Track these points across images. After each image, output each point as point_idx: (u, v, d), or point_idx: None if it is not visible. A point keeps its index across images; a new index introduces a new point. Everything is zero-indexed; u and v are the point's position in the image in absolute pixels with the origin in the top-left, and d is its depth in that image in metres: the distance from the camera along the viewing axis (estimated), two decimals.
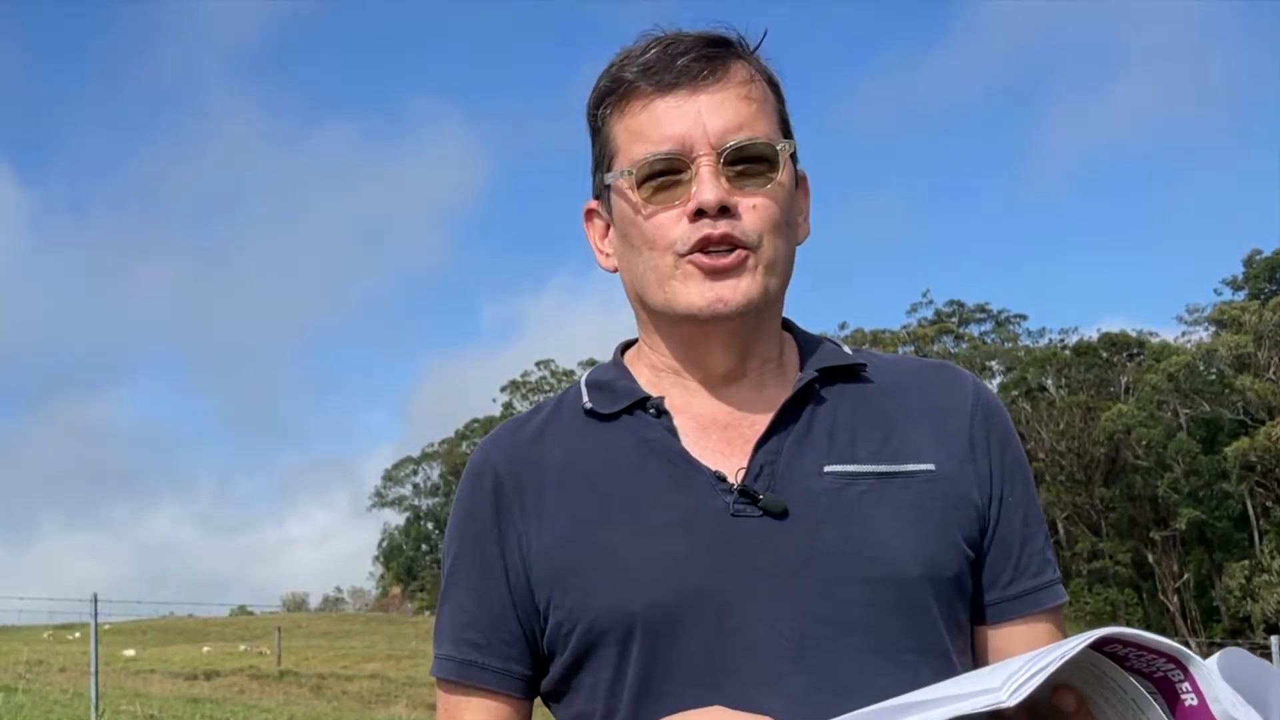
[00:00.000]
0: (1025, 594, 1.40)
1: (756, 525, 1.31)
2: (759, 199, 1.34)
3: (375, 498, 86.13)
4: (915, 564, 1.31)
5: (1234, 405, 53.55)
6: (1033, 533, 1.41)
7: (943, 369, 1.47)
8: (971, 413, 1.41)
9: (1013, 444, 1.43)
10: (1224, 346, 53.60)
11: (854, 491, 1.33)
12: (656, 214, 1.34)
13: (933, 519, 1.34)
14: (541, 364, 78.69)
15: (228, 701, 23.49)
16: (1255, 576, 52.23)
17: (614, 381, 1.44)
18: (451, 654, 1.40)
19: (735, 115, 1.33)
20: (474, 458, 1.46)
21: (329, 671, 31.73)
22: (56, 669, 26.81)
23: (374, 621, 54.57)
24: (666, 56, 1.35)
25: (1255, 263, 60.42)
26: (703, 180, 1.32)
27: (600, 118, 1.40)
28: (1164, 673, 1.05)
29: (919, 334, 68.09)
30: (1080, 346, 63.05)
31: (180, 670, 29.76)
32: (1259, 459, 50.83)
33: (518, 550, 1.37)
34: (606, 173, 1.40)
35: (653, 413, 1.39)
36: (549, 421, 1.44)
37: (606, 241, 1.45)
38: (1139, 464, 56.00)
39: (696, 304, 1.33)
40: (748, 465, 1.34)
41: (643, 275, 1.37)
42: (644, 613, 1.29)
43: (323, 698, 26.75)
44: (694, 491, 1.33)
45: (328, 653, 38.33)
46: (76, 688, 21.20)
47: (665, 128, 1.33)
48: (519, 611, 1.38)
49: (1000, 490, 1.39)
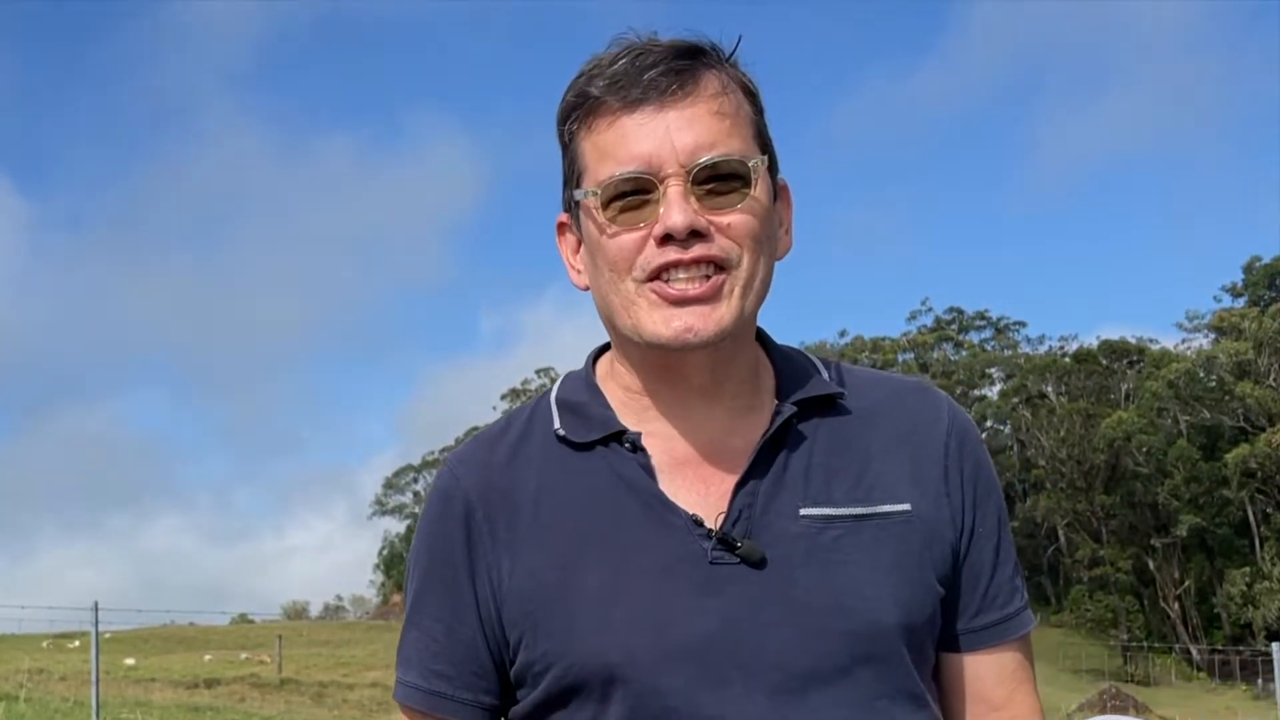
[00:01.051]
0: (992, 625, 1.40)
1: (734, 573, 1.29)
2: (733, 217, 1.28)
3: (376, 506, 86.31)
4: (891, 612, 1.30)
5: (1234, 412, 53.53)
6: (1002, 561, 1.41)
7: (918, 391, 1.45)
8: (946, 442, 1.40)
9: (985, 470, 1.42)
10: (1224, 353, 53.61)
11: (829, 536, 1.32)
12: (621, 235, 1.29)
13: (908, 562, 1.33)
14: (541, 371, 78.77)
15: (229, 710, 23.48)
16: (1256, 583, 52.19)
17: (586, 406, 1.40)
18: (419, 684, 1.39)
19: (706, 132, 1.28)
20: (443, 479, 1.42)
21: (330, 680, 31.69)
22: (57, 678, 26.78)
23: (375, 629, 54.47)
24: (634, 69, 1.29)
25: (1255, 269, 60.46)
26: (670, 203, 1.26)
27: (568, 133, 1.35)
28: None
29: (919, 341, 68.08)
30: (1080, 353, 63.04)
31: (181, 679, 29.73)
32: (1259, 465, 50.81)
33: (489, 584, 1.35)
34: (575, 189, 1.35)
35: (628, 447, 1.36)
36: (521, 443, 1.40)
37: (579, 257, 1.40)
38: (1139, 471, 55.97)
39: (663, 334, 1.29)
40: (726, 511, 1.32)
41: (609, 298, 1.33)
42: (623, 664, 1.28)
43: (324, 706, 26.73)
44: (671, 535, 1.31)
45: (329, 661, 38.29)
46: (77, 696, 21.18)
47: (632, 146, 1.28)
48: (489, 644, 1.36)
49: (973, 523, 1.39)
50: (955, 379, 66.50)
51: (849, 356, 67.90)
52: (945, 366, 66.62)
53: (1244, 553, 54.77)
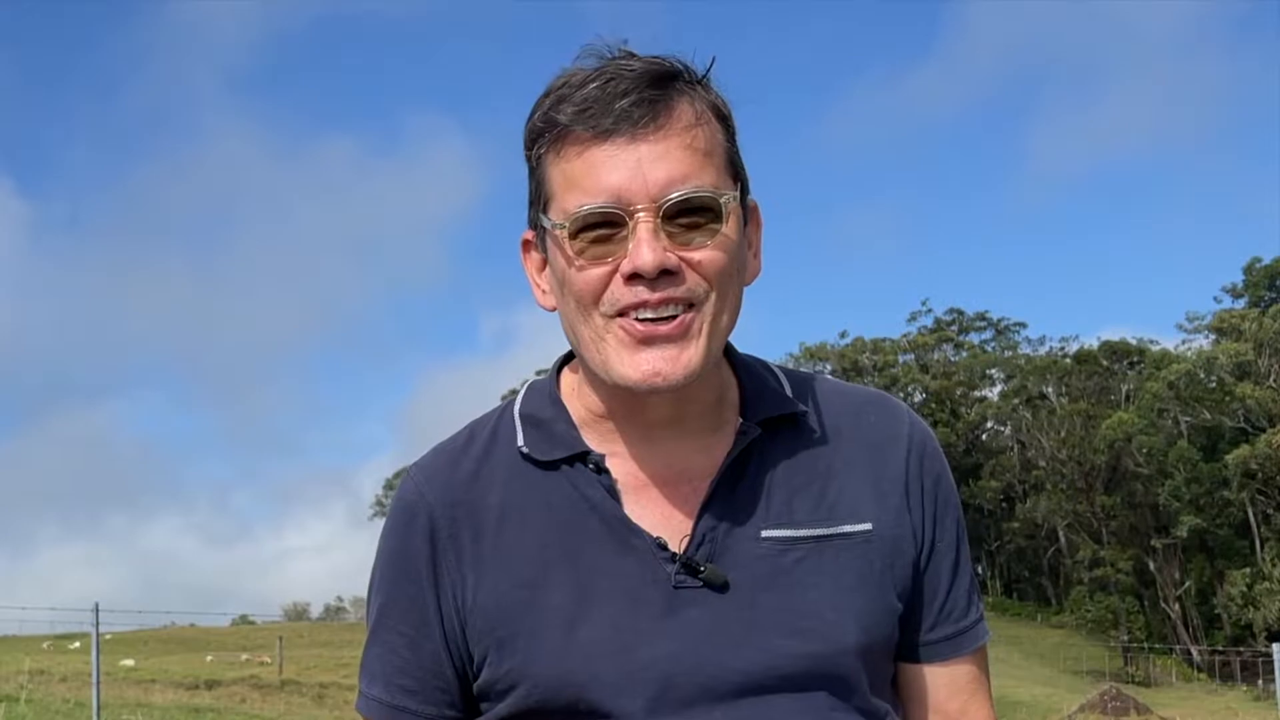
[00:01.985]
0: (947, 639, 1.42)
1: (697, 596, 1.30)
2: (703, 254, 1.26)
3: (376, 507, 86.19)
4: (851, 634, 1.31)
5: (1234, 413, 53.53)
6: (959, 575, 1.43)
7: (879, 404, 1.45)
8: (906, 459, 1.40)
9: (945, 483, 1.43)
10: (1224, 354, 53.61)
11: (791, 558, 1.33)
12: (589, 270, 1.27)
13: (869, 582, 1.34)
14: (540, 373, 78.46)
15: (229, 711, 23.49)
16: (1256, 584, 52.17)
17: (551, 424, 1.39)
18: (383, 698, 1.39)
19: (678, 165, 1.25)
20: (405, 490, 1.41)
21: (331, 681, 31.68)
22: (58, 679, 26.78)
23: None
24: (605, 97, 1.25)
25: (1255, 270, 60.48)
26: (640, 240, 1.23)
27: (535, 157, 1.32)
28: None
29: (919, 342, 68.07)
30: (1081, 354, 63.05)
31: (182, 680, 29.72)
32: (1260, 466, 50.81)
33: (453, 600, 1.35)
34: (542, 214, 1.32)
35: (592, 468, 1.35)
36: (484, 458, 1.40)
37: (544, 277, 1.37)
38: (1140, 472, 55.97)
39: (631, 376, 1.27)
40: (690, 534, 1.32)
41: (577, 329, 1.31)
42: (587, 685, 1.29)
43: (324, 707, 26.73)
44: (635, 558, 1.32)
45: (329, 662, 38.27)
46: (78, 697, 21.19)
47: (602, 178, 1.25)
48: (453, 659, 1.36)
49: (933, 537, 1.40)
50: (956, 380, 66.44)
51: (849, 358, 67.88)
52: (946, 367, 66.55)
53: (1244, 554, 54.76)
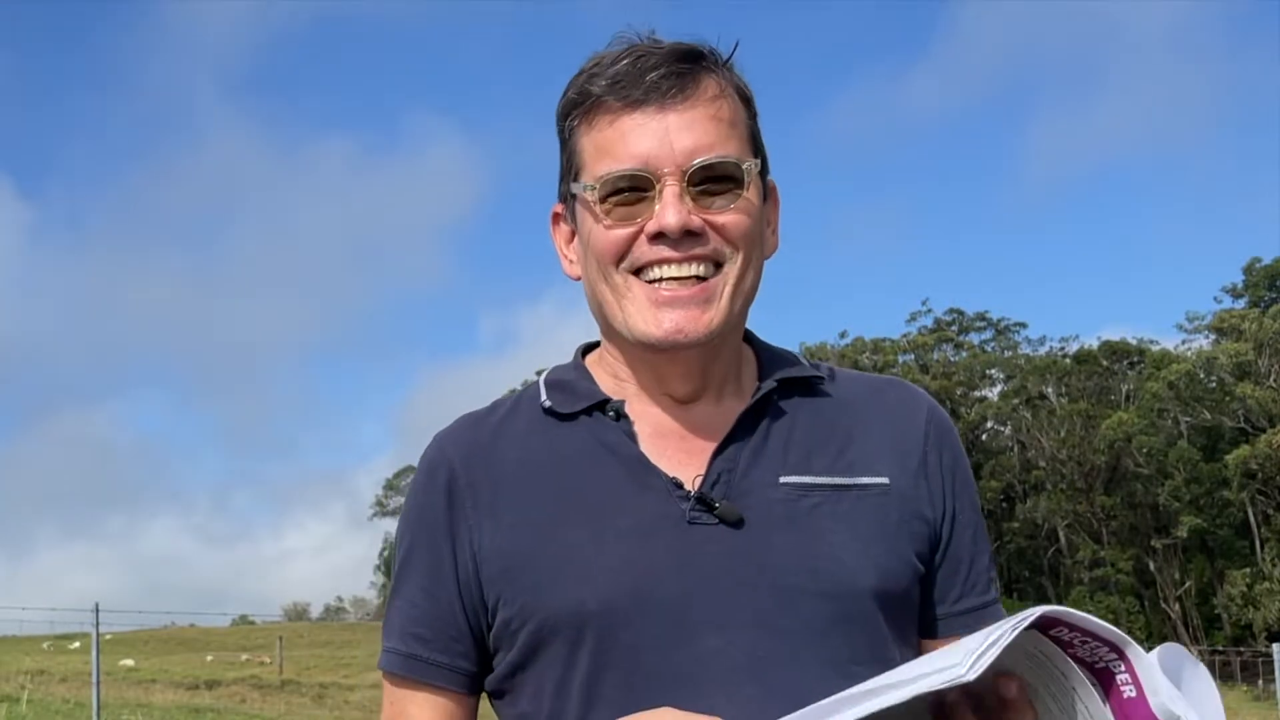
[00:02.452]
0: (971, 610, 1.43)
1: (712, 533, 1.32)
2: (726, 217, 1.33)
3: (376, 507, 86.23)
4: (867, 577, 1.32)
5: (1234, 413, 53.52)
6: (979, 551, 1.45)
7: (898, 386, 1.49)
8: (925, 430, 1.43)
9: (962, 463, 1.46)
10: (1224, 354, 53.60)
11: (808, 503, 1.34)
12: (615, 229, 1.33)
13: (886, 532, 1.35)
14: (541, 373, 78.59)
15: (229, 711, 23.50)
16: (1257, 584, 52.15)
17: (574, 382, 1.44)
18: (398, 648, 1.40)
19: (704, 134, 1.32)
20: (428, 452, 1.45)
21: (330, 681, 31.70)
22: (58, 679, 26.80)
23: (376, 631, 54.37)
24: (636, 71, 1.32)
25: (1255, 270, 60.46)
26: (666, 202, 1.30)
27: (568, 129, 1.39)
28: (1105, 663, 1.09)
29: (919, 342, 68.06)
30: (1081, 354, 63.03)
31: (182, 680, 29.73)
32: (1260, 467, 50.78)
33: (469, 546, 1.37)
34: (573, 183, 1.39)
35: (612, 415, 1.39)
36: (507, 419, 1.44)
37: (572, 248, 1.44)
38: (1140, 472, 55.95)
39: (654, 334, 1.33)
40: (705, 473, 1.34)
41: (600, 290, 1.37)
42: (597, 613, 1.29)
43: (324, 707, 26.73)
44: (651, 496, 1.34)
45: (329, 662, 38.30)
46: (78, 698, 21.21)
47: (631, 145, 1.32)
48: (467, 608, 1.38)
49: (952, 509, 1.42)
50: (955, 380, 66.52)
51: (849, 358, 67.93)
52: (945, 368, 66.65)
53: (1244, 554, 54.75)
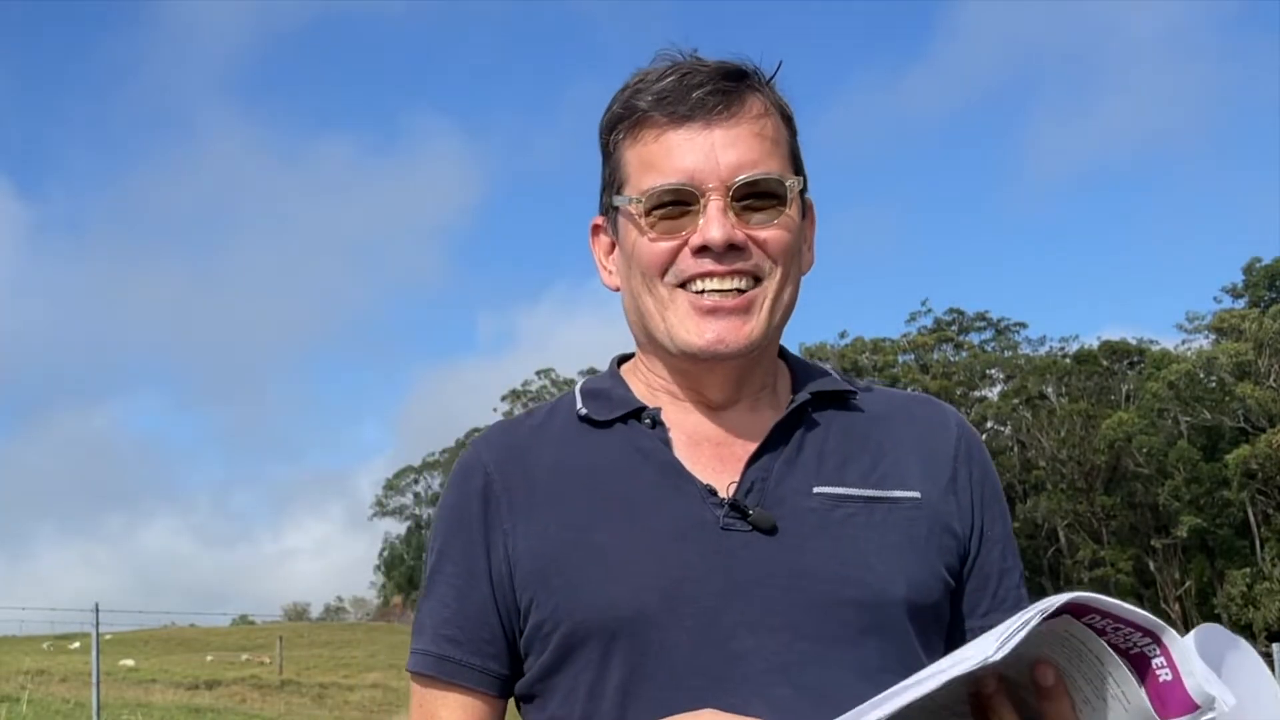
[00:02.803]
0: None
1: (745, 540, 1.33)
2: (768, 233, 1.35)
3: (376, 507, 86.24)
4: (898, 587, 1.34)
5: (1234, 413, 53.50)
6: (1009, 567, 1.46)
7: (928, 403, 1.51)
8: (955, 447, 1.45)
9: (992, 479, 1.47)
10: (1224, 354, 53.58)
11: (841, 513, 1.36)
12: (659, 242, 1.36)
13: (917, 545, 1.37)
14: (542, 373, 78.73)
15: (229, 711, 23.50)
16: (1257, 584, 52.16)
17: (610, 391, 1.46)
18: (429, 649, 1.41)
19: (748, 151, 1.34)
20: (464, 455, 1.47)
21: (330, 681, 31.69)
22: (58, 679, 26.79)
23: (375, 631, 54.46)
24: (682, 87, 1.35)
25: (1255, 270, 60.45)
26: (710, 217, 1.33)
27: (612, 143, 1.41)
28: (1139, 648, 1.09)
29: (919, 342, 68.06)
30: (1081, 354, 63.03)
31: (182, 680, 29.72)
32: (1260, 466, 50.77)
33: (502, 549, 1.38)
34: (616, 195, 1.41)
35: (648, 423, 1.41)
36: (543, 425, 1.46)
37: (611, 259, 1.47)
38: (1140, 472, 55.94)
39: (695, 343, 1.35)
40: (739, 480, 1.36)
41: (643, 301, 1.39)
42: (631, 616, 1.30)
43: (324, 707, 26.74)
44: (685, 502, 1.35)
45: (329, 662, 38.29)
46: (78, 698, 21.21)
47: (677, 160, 1.34)
48: (500, 610, 1.38)
49: (981, 523, 1.44)
50: (955, 380, 66.58)
51: (849, 358, 67.97)
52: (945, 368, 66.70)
53: (1244, 554, 54.76)
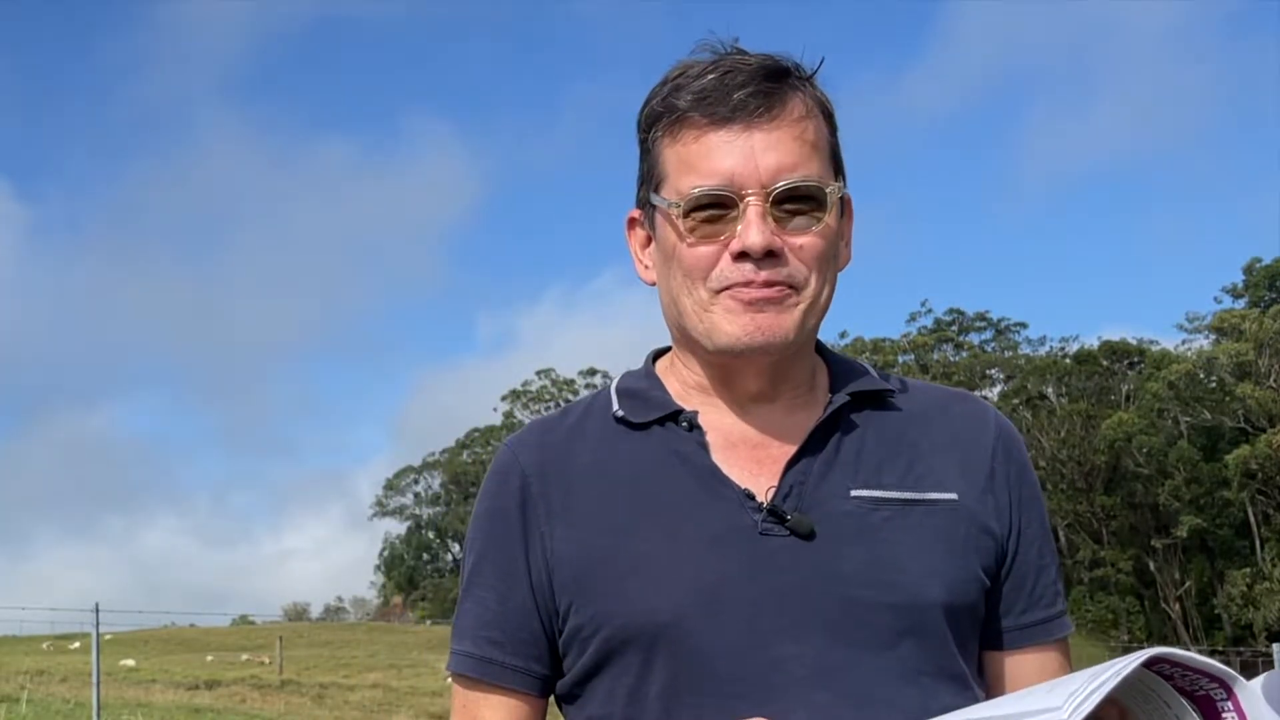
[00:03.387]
0: (1039, 623, 1.43)
1: (783, 544, 1.33)
2: (806, 239, 1.34)
3: (376, 507, 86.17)
4: (936, 590, 1.34)
5: (1234, 413, 53.47)
6: (1046, 564, 1.45)
7: (966, 399, 1.50)
8: (993, 446, 1.44)
9: (1029, 477, 1.47)
10: (1224, 354, 53.55)
11: (879, 516, 1.35)
12: (699, 247, 1.34)
13: (954, 547, 1.36)
14: (542, 373, 78.75)
15: (229, 711, 23.50)
16: (1257, 584, 52.12)
17: (646, 391, 1.45)
18: (471, 651, 1.41)
19: (788, 154, 1.32)
20: (501, 456, 1.46)
21: (330, 681, 31.68)
22: (58, 679, 26.79)
23: (375, 631, 54.45)
24: (723, 87, 1.33)
25: (1255, 271, 60.40)
26: (749, 222, 1.31)
27: (651, 139, 1.39)
28: (1206, 690, 1.08)
29: (919, 342, 68.06)
30: (1081, 355, 63.02)
31: (182, 680, 29.72)
32: (1260, 467, 50.75)
33: (541, 551, 1.38)
34: (653, 193, 1.40)
35: (685, 426, 1.40)
36: (578, 425, 1.45)
37: (647, 253, 1.46)
38: (1140, 472, 55.92)
39: (736, 334, 1.34)
40: (778, 485, 1.35)
41: (681, 301, 1.38)
42: (672, 622, 1.30)
43: (324, 707, 26.73)
44: (723, 507, 1.35)
45: (329, 662, 38.28)
46: (78, 698, 21.21)
47: (716, 162, 1.32)
48: (541, 612, 1.38)
49: (1019, 523, 1.43)
50: (955, 380, 66.55)
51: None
52: (945, 368, 66.69)
53: (1244, 554, 54.73)
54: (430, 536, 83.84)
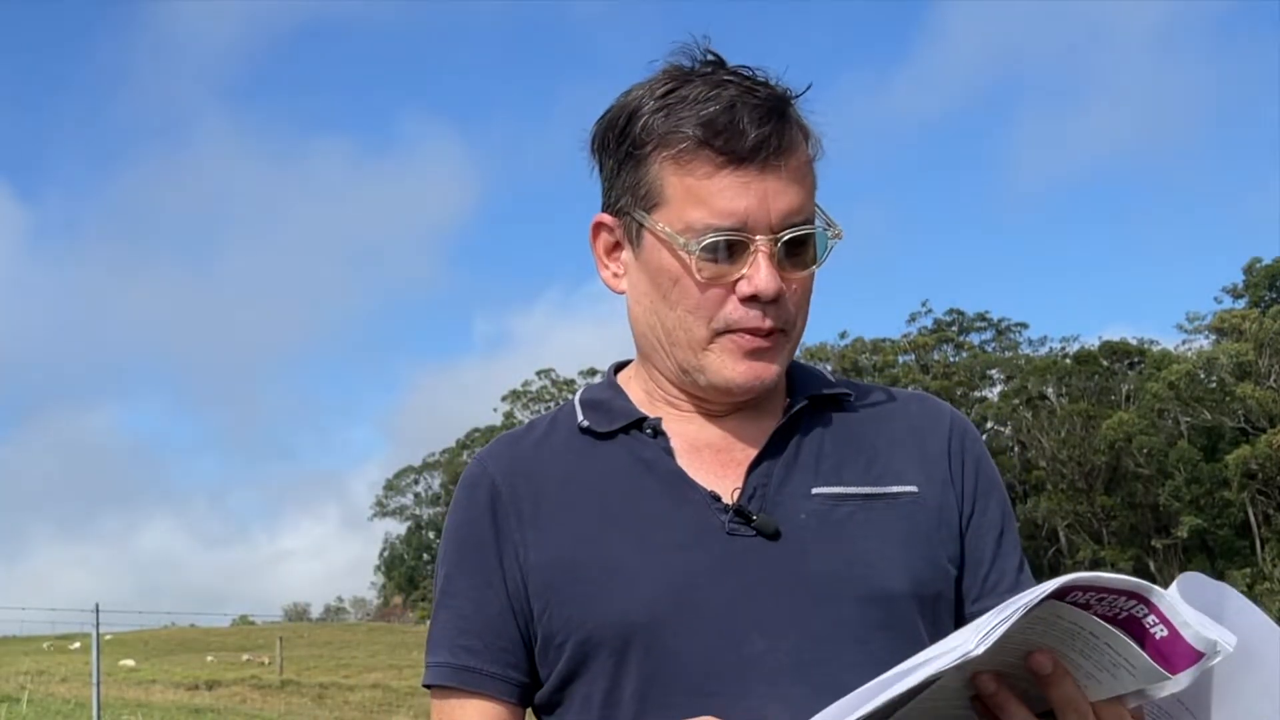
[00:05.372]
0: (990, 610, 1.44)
1: (750, 544, 1.35)
2: (798, 276, 1.37)
3: (376, 507, 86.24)
4: (901, 581, 1.35)
5: (1235, 413, 53.51)
6: (1005, 552, 1.46)
7: (923, 399, 1.53)
8: (949, 436, 1.47)
9: (986, 467, 1.48)
10: (1225, 354, 53.60)
11: (842, 512, 1.38)
12: (709, 288, 1.35)
13: (916, 538, 1.39)
14: (542, 373, 78.80)
15: (229, 711, 23.53)
16: (1257, 584, 52.11)
17: (610, 401, 1.47)
18: (448, 660, 1.40)
19: (794, 197, 1.34)
20: (470, 469, 1.47)
21: (330, 681, 31.71)
22: (58, 679, 26.82)
23: (376, 631, 54.46)
24: (733, 121, 1.32)
25: (1255, 271, 60.46)
26: (760, 267, 1.33)
27: (643, 154, 1.36)
28: (1128, 611, 1.08)
29: (919, 343, 68.09)
30: (1081, 355, 63.04)
31: (182, 680, 29.74)
32: (1260, 467, 50.80)
33: (515, 560, 1.39)
34: (643, 211, 1.37)
35: (649, 433, 1.42)
36: (545, 437, 1.47)
37: (615, 260, 1.44)
38: (1140, 472, 55.96)
39: (734, 380, 1.37)
40: (742, 486, 1.38)
41: (674, 333, 1.39)
42: (644, 624, 1.32)
43: (324, 707, 26.76)
44: (690, 510, 1.37)
45: (329, 662, 38.30)
46: (79, 698, 21.22)
47: (730, 202, 1.32)
48: (517, 618, 1.39)
49: (972, 510, 1.45)
50: (955, 380, 66.53)
51: (849, 358, 67.96)
52: (945, 368, 66.68)
53: (1245, 554, 54.76)
54: (430, 537, 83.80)
